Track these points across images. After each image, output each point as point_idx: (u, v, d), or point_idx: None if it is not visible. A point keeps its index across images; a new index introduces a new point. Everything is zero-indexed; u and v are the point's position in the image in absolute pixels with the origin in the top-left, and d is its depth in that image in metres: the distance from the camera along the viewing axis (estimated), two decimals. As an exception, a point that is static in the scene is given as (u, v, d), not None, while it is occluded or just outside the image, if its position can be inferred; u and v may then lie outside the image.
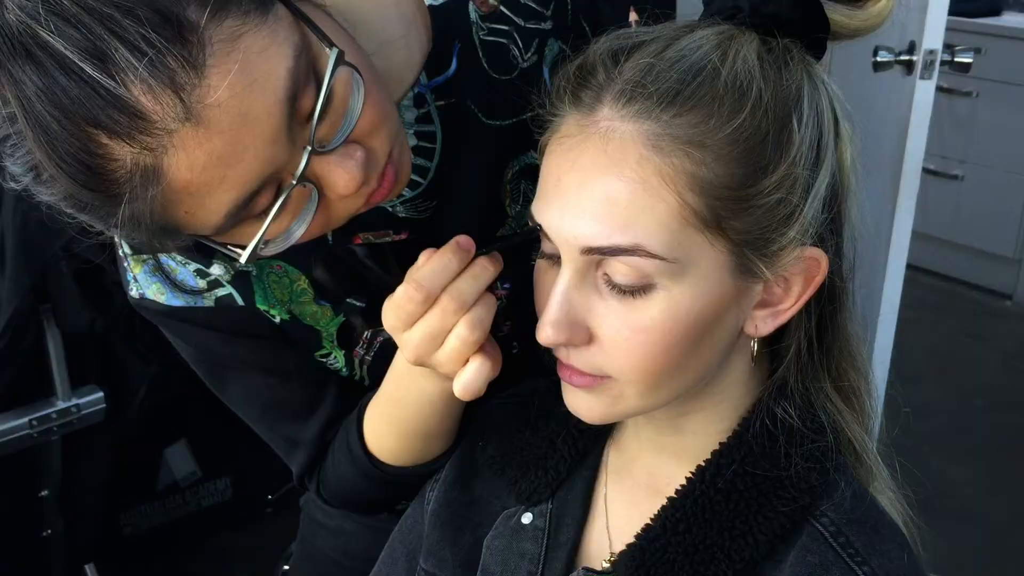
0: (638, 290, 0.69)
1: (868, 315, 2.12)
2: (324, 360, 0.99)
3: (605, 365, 0.72)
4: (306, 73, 0.68)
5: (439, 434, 0.94)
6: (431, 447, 0.95)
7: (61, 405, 1.84)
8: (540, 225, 0.72)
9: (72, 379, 1.85)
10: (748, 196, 0.68)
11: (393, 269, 0.95)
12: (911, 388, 2.85)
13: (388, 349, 0.96)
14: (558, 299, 0.71)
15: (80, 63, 0.60)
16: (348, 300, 0.96)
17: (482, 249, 0.78)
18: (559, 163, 0.71)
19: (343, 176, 0.72)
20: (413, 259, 0.82)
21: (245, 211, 0.70)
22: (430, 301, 0.77)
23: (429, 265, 0.77)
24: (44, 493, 1.99)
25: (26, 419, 1.81)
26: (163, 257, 0.92)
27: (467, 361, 0.79)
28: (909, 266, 2.18)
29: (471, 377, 0.79)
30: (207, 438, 2.37)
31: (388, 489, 0.99)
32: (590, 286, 0.71)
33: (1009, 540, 2.60)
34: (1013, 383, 3.31)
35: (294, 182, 0.70)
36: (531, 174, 0.94)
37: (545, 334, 0.71)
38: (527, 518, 0.84)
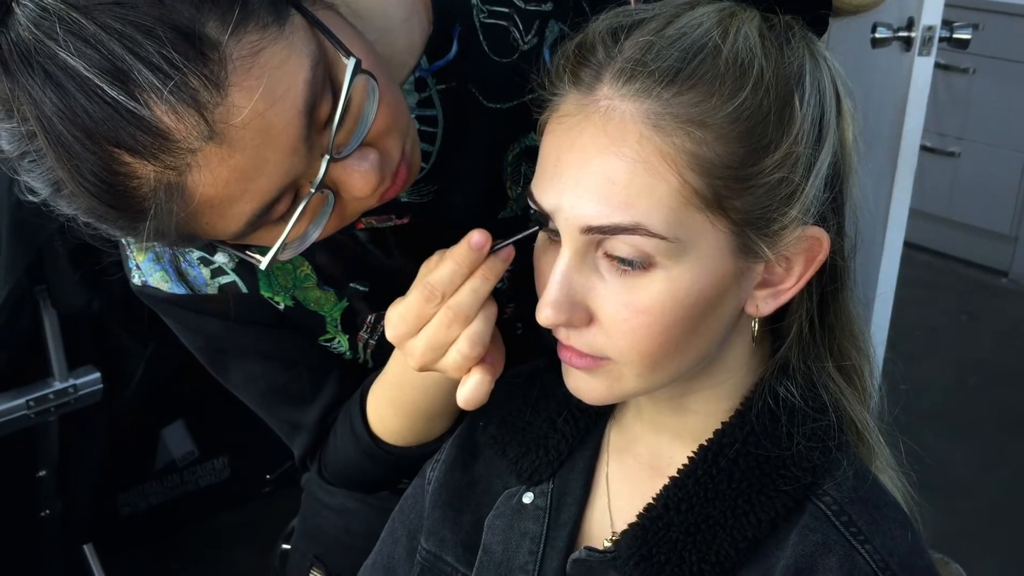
0: (638, 270, 0.68)
1: (866, 293, 2.12)
2: (328, 344, 0.99)
3: (605, 346, 0.72)
4: (323, 82, 0.68)
5: (442, 414, 0.94)
6: (434, 427, 0.95)
7: (58, 386, 1.84)
8: (540, 206, 0.72)
9: (69, 360, 1.85)
10: (749, 175, 0.67)
11: (395, 253, 0.95)
12: (907, 365, 2.86)
13: None
14: (558, 280, 0.70)
15: (101, 84, 0.60)
16: (351, 285, 0.96)
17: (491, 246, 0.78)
18: (559, 142, 0.71)
19: (359, 180, 0.73)
20: (415, 242, 0.82)
21: (264, 218, 0.70)
22: (433, 302, 0.78)
23: (440, 269, 0.77)
24: (42, 474, 1.99)
25: (23, 400, 1.81)
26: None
27: (470, 369, 0.80)
28: (905, 243, 2.18)
29: (471, 389, 0.80)
30: (204, 418, 2.37)
31: (391, 469, 0.99)
32: (590, 267, 0.70)
33: (1004, 517, 2.61)
34: (1008, 360, 3.32)
35: (312, 190, 0.70)
36: (532, 156, 0.93)
37: (545, 315, 0.71)
38: (528, 498, 0.84)
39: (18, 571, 2.15)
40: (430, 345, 0.79)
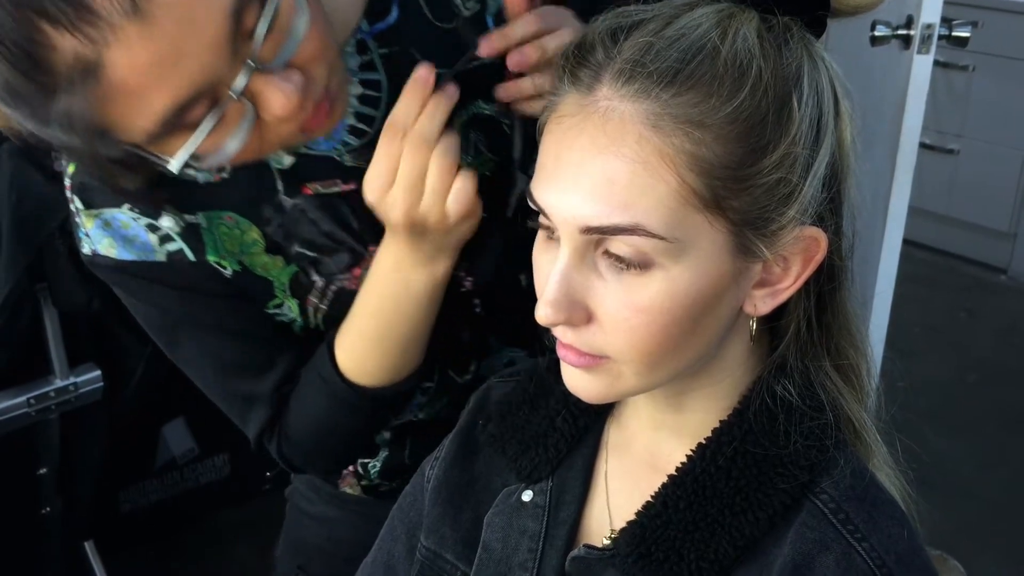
0: (637, 269, 0.69)
1: (864, 290, 2.12)
2: (278, 311, 0.99)
3: (604, 345, 0.72)
4: None
5: (416, 339, 0.95)
6: (407, 359, 0.96)
7: (59, 384, 1.85)
8: (539, 206, 0.72)
9: (69, 358, 1.85)
10: (748, 176, 0.68)
11: (344, 219, 0.95)
12: (905, 363, 2.86)
13: (343, 297, 0.97)
14: (557, 279, 0.71)
15: None
16: (299, 250, 0.96)
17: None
18: (558, 142, 0.71)
19: (280, 97, 0.73)
20: (363, 208, 0.85)
21: (179, 119, 0.71)
22: (399, 139, 0.82)
23: (396, 108, 0.82)
24: (42, 471, 1.99)
25: (24, 398, 1.81)
26: (114, 212, 0.92)
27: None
28: (904, 241, 2.18)
29: (459, 189, 0.84)
30: (205, 415, 2.34)
31: (363, 418, 0.99)
32: (589, 266, 0.71)
33: (1003, 515, 2.62)
34: (1007, 358, 3.32)
35: (232, 94, 0.71)
36: (480, 124, 0.95)
37: (544, 314, 0.71)
38: (527, 495, 0.85)
39: (19, 568, 2.15)
40: (406, 185, 0.83)
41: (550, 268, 0.72)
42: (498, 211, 0.95)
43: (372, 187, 0.85)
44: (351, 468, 1.15)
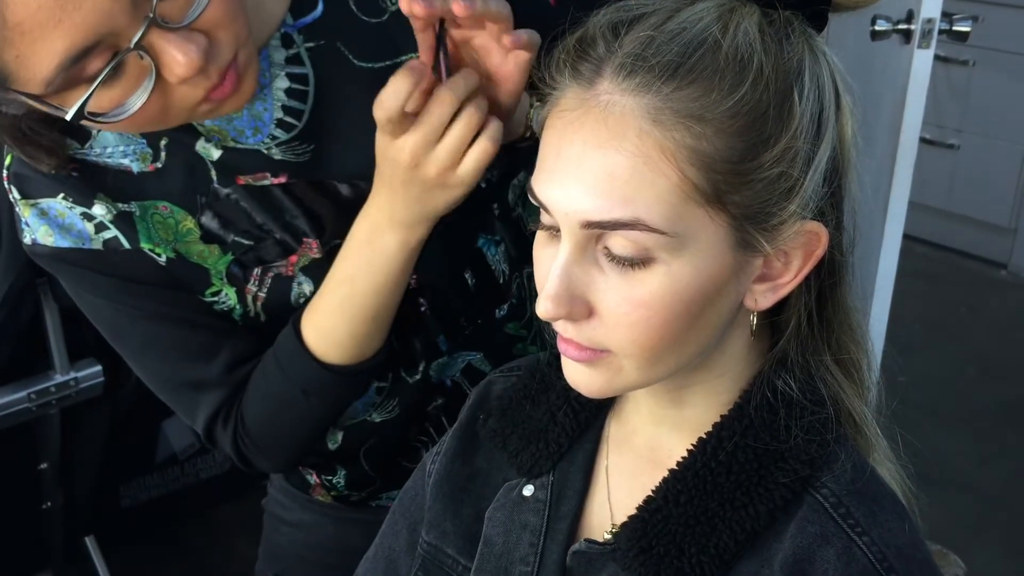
0: (638, 264, 0.69)
1: (864, 285, 2.12)
2: (215, 299, 0.99)
3: (605, 339, 0.72)
4: None
5: (385, 310, 0.95)
6: (375, 329, 0.96)
7: (59, 379, 1.85)
8: (540, 200, 0.72)
9: (70, 353, 1.85)
10: (749, 170, 0.68)
11: (278, 211, 0.95)
12: (906, 357, 2.86)
13: (280, 284, 0.98)
14: (558, 273, 0.71)
15: None
16: (235, 239, 0.96)
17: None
18: (559, 137, 0.71)
19: (181, 57, 0.74)
20: (296, 200, 0.86)
21: (77, 68, 0.71)
22: (397, 118, 0.81)
23: (386, 92, 0.81)
24: (43, 466, 2.00)
25: (25, 393, 1.82)
26: (49, 201, 0.93)
27: (464, 153, 0.84)
28: (904, 236, 2.18)
29: (483, 148, 0.84)
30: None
31: (325, 398, 0.99)
32: (590, 260, 0.71)
33: (1002, 509, 2.62)
34: (1007, 353, 3.32)
35: (130, 46, 0.71)
36: None
37: (544, 308, 0.71)
38: (528, 490, 0.85)
39: (20, 563, 2.15)
40: (430, 130, 0.82)
41: (551, 263, 0.72)
42: None
43: (387, 125, 0.83)
44: (318, 480, 1.15)
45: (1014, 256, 3.82)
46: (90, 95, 0.73)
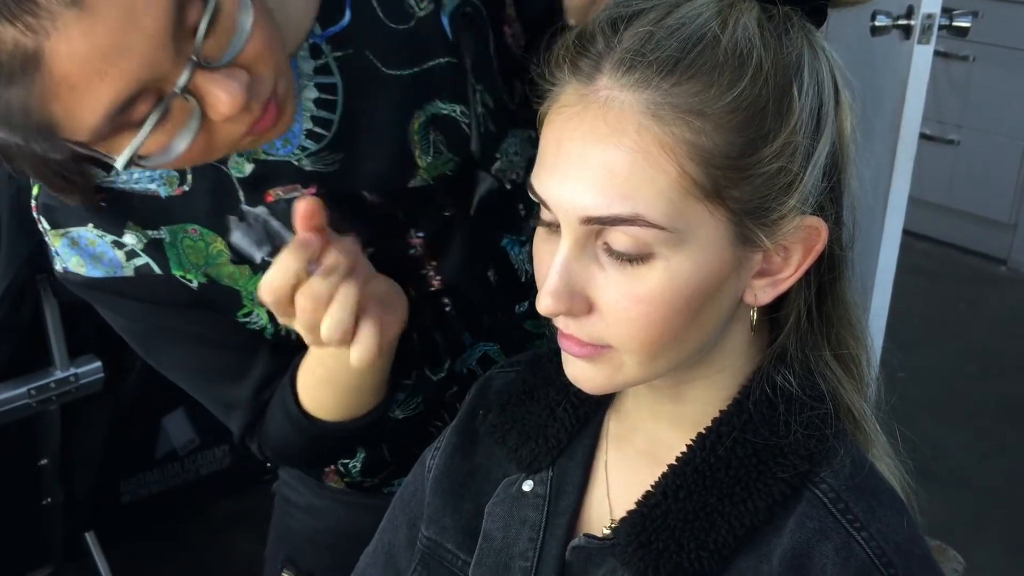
0: (638, 260, 0.69)
1: (864, 281, 2.12)
2: (247, 320, 0.99)
3: (605, 335, 0.72)
4: None
5: (371, 388, 0.96)
6: (364, 401, 0.97)
7: (59, 375, 1.85)
8: (540, 196, 0.72)
9: (70, 349, 1.86)
10: (748, 165, 0.68)
11: None
12: (905, 353, 2.86)
13: None
14: (558, 269, 0.71)
15: None
16: (264, 259, 0.96)
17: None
18: (558, 132, 0.71)
19: (225, 96, 0.73)
20: (328, 212, 0.84)
21: (123, 116, 0.71)
22: (285, 302, 0.80)
23: (272, 273, 0.80)
24: (43, 462, 2.00)
25: (25, 389, 1.82)
26: (80, 231, 0.92)
27: (355, 332, 0.82)
28: (904, 231, 2.18)
29: (361, 348, 0.83)
30: (205, 407, 2.38)
31: (327, 444, 1.01)
32: (590, 256, 0.71)
33: (1002, 504, 2.62)
34: (1007, 348, 3.33)
35: (176, 91, 0.71)
36: (439, 124, 0.94)
37: (545, 304, 0.71)
38: (528, 485, 0.85)
39: (20, 559, 2.16)
40: (306, 326, 0.82)
41: (551, 259, 0.72)
42: (462, 209, 0.96)
43: (277, 308, 0.83)
44: (332, 467, 1.16)
45: (1014, 252, 3.82)
46: (141, 143, 0.73)
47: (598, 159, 0.68)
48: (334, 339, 0.81)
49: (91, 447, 2.12)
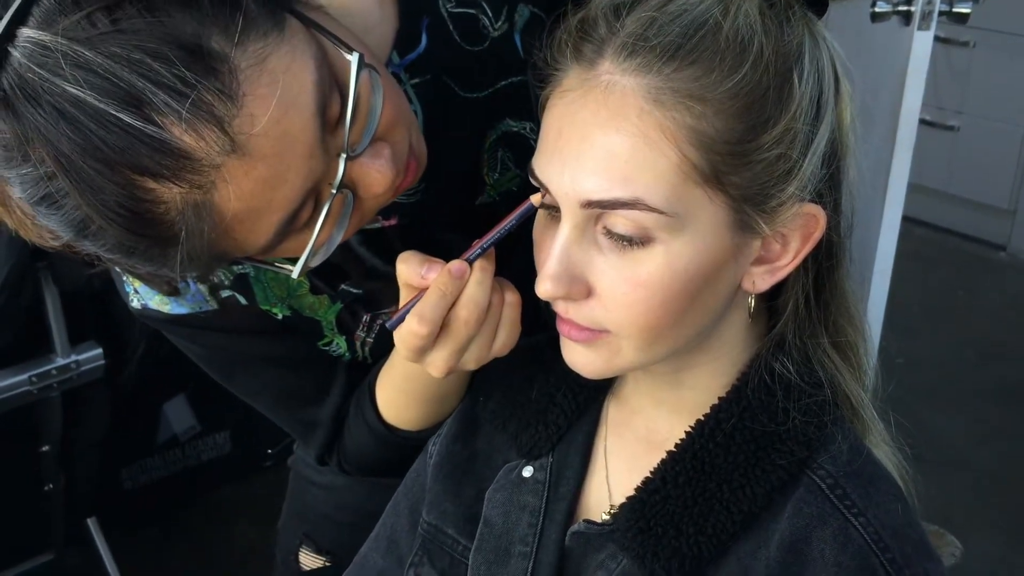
0: (637, 244, 0.69)
1: (863, 268, 2.12)
2: (327, 348, 1.00)
3: (603, 319, 0.72)
4: (329, 82, 0.69)
5: (455, 393, 0.96)
6: (446, 408, 0.97)
7: (60, 362, 1.85)
8: (540, 180, 0.72)
9: (71, 336, 1.86)
10: (748, 151, 0.68)
11: (386, 255, 0.95)
12: (904, 339, 2.87)
13: (387, 331, 0.97)
14: (557, 253, 0.71)
15: (116, 112, 0.60)
16: (343, 287, 0.97)
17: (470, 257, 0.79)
18: (560, 117, 0.71)
19: (376, 176, 0.73)
20: (405, 244, 0.83)
21: (291, 227, 0.71)
22: (435, 333, 0.79)
23: (427, 299, 0.78)
24: (45, 449, 2.00)
25: (26, 376, 1.82)
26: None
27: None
28: (903, 217, 2.18)
29: (504, 343, 0.83)
30: (206, 393, 2.38)
31: (410, 453, 1.01)
32: (589, 240, 0.71)
33: (999, 490, 2.63)
34: (1005, 334, 3.33)
35: (334, 191, 0.71)
36: (508, 141, 0.95)
37: (544, 287, 0.72)
38: (528, 471, 0.85)
39: (22, 545, 2.16)
40: (453, 352, 0.80)
41: (551, 244, 0.72)
42: (526, 226, 0.95)
43: (404, 355, 0.82)
44: None
45: (1013, 238, 3.82)
46: (310, 248, 0.73)
47: (599, 143, 0.68)
48: (503, 353, 0.82)
49: (92, 434, 2.12)
